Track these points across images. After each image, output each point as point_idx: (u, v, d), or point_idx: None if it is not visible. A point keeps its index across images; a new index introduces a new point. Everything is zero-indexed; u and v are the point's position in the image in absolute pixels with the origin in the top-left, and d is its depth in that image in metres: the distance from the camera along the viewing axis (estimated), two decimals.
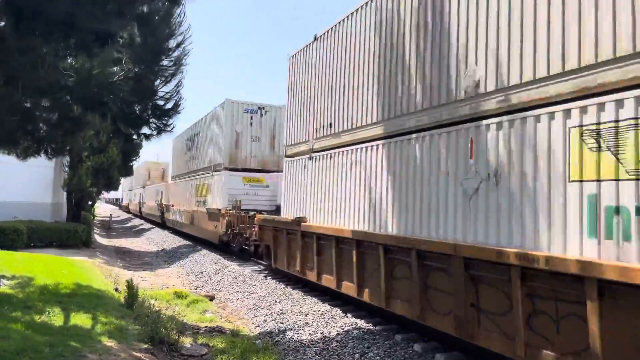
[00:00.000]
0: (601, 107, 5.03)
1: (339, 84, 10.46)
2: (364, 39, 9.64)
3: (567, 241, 5.25)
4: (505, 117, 6.18)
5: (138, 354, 6.65)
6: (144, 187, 47.37)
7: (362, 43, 9.69)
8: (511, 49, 6.18)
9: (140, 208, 48.08)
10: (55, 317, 7.70)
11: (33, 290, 9.40)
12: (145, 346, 7.15)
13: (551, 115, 5.55)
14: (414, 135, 7.86)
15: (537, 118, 5.73)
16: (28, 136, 8.18)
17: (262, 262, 16.06)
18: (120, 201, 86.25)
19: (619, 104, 4.87)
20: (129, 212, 62.32)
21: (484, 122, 6.48)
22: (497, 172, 6.21)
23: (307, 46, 12.47)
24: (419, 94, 7.82)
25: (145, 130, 10.28)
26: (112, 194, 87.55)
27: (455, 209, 6.89)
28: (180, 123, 21.08)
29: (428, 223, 7.45)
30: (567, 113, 5.36)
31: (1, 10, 5.70)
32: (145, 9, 7.48)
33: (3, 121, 6.82)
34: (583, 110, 5.21)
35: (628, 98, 4.80)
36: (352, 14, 10.17)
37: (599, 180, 4.95)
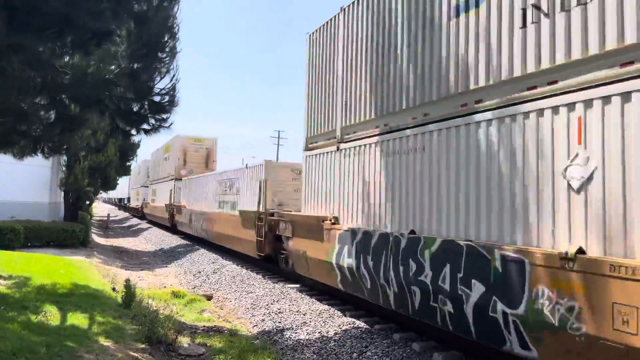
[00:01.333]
0: None
1: None
2: None
3: None
4: None
5: (135, 354, 6.61)
6: (176, 179, 29.64)
7: None
8: None
9: (172, 215, 29.09)
10: (52, 317, 7.66)
11: (30, 290, 9.36)
12: (143, 346, 7.12)
13: None
14: None
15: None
16: (23, 135, 8.13)
17: None
18: (125, 202, 67.11)
19: None
20: (143, 217, 43.99)
21: None
22: None
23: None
24: None
25: (144, 126, 10.23)
26: (114, 193, 77.48)
27: None
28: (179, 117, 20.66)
29: None
30: None
31: None
32: (142, 6, 7.44)
33: None
34: None
35: None
36: None
37: None
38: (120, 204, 75.31)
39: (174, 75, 8.68)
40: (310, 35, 11.88)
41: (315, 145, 11.32)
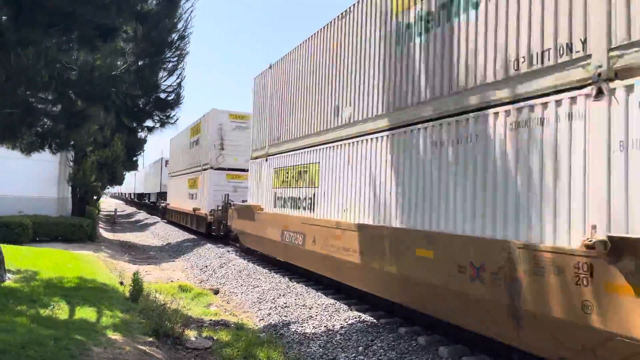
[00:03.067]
0: None
1: None
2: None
3: None
4: None
5: (143, 347, 6.67)
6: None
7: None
8: None
9: None
10: (60, 310, 7.73)
11: (38, 284, 9.44)
12: (150, 339, 7.17)
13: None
14: None
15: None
16: (29, 130, 8.20)
17: None
18: (150, 199, 44.73)
19: None
20: (232, 239, 19.91)
21: None
22: None
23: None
24: None
25: (148, 123, 10.30)
26: (128, 188, 63.95)
27: None
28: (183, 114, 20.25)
29: None
30: None
31: (1, 2, 5.68)
32: (145, 5, 7.47)
33: (4, 115, 6.83)
34: None
35: None
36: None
37: None
38: (141, 202, 51.10)
39: (180, 74, 8.73)
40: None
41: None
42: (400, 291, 8.20)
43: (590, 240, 4.76)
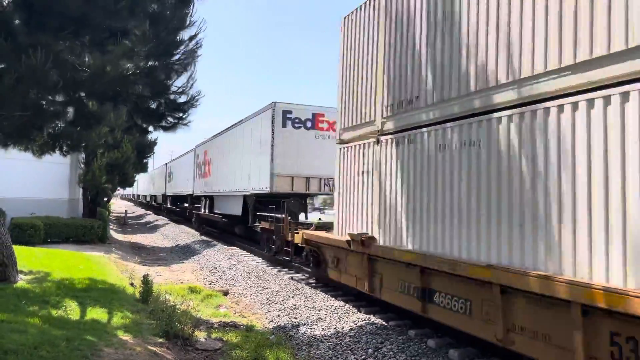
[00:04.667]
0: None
1: None
2: None
3: None
4: None
5: (153, 348, 6.69)
6: None
7: None
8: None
9: None
10: (71, 311, 7.79)
11: (50, 285, 9.52)
12: (160, 340, 7.20)
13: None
14: None
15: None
16: (40, 132, 8.27)
17: None
18: (216, 208, 24.30)
19: None
20: None
21: None
22: None
23: None
24: None
25: (162, 123, 10.36)
26: (144, 188, 59.36)
27: None
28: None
29: None
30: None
31: (14, 6, 5.75)
32: (156, 7, 7.51)
33: (15, 117, 6.90)
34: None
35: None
36: None
37: None
38: (187, 210, 31.84)
39: (190, 75, 8.75)
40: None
41: None
42: None
43: None
